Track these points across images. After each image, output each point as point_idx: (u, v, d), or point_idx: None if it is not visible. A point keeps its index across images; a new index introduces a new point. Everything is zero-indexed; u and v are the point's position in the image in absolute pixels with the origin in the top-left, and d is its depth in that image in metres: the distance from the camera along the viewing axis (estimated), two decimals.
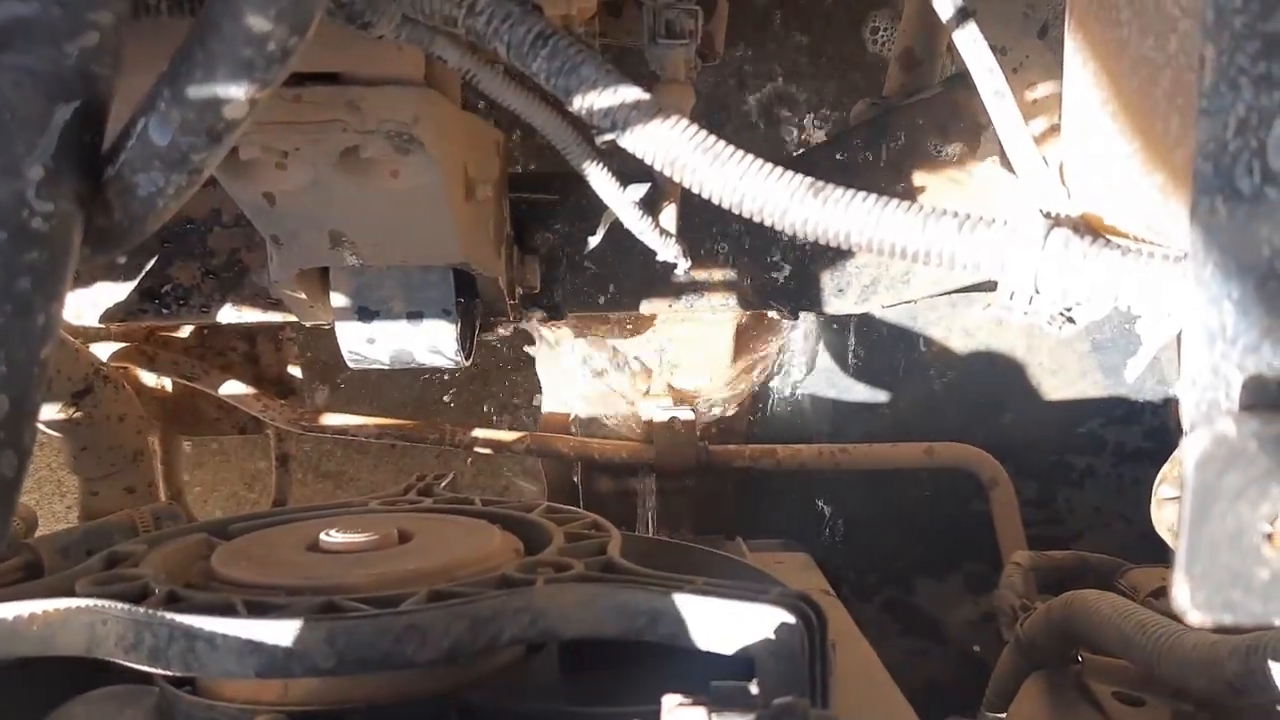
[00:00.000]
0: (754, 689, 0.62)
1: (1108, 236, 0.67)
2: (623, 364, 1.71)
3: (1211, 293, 0.47)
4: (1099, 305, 0.66)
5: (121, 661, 0.71)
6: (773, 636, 0.70)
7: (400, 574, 0.81)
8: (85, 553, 1.04)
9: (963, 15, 0.87)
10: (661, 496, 1.74)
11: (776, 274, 1.48)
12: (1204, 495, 0.39)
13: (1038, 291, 0.66)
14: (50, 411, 1.43)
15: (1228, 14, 0.47)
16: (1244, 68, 0.46)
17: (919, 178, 1.45)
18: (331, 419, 1.76)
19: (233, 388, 1.74)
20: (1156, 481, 0.83)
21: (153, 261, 1.46)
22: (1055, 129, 1.30)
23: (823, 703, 0.69)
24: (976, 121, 1.44)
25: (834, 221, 0.66)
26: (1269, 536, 0.39)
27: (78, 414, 1.46)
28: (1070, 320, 0.68)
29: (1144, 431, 1.86)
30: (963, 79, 1.45)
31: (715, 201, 0.69)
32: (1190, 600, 0.40)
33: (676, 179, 0.69)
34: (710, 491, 1.80)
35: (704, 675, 0.65)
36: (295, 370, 1.85)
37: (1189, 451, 0.39)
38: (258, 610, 0.72)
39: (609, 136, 0.70)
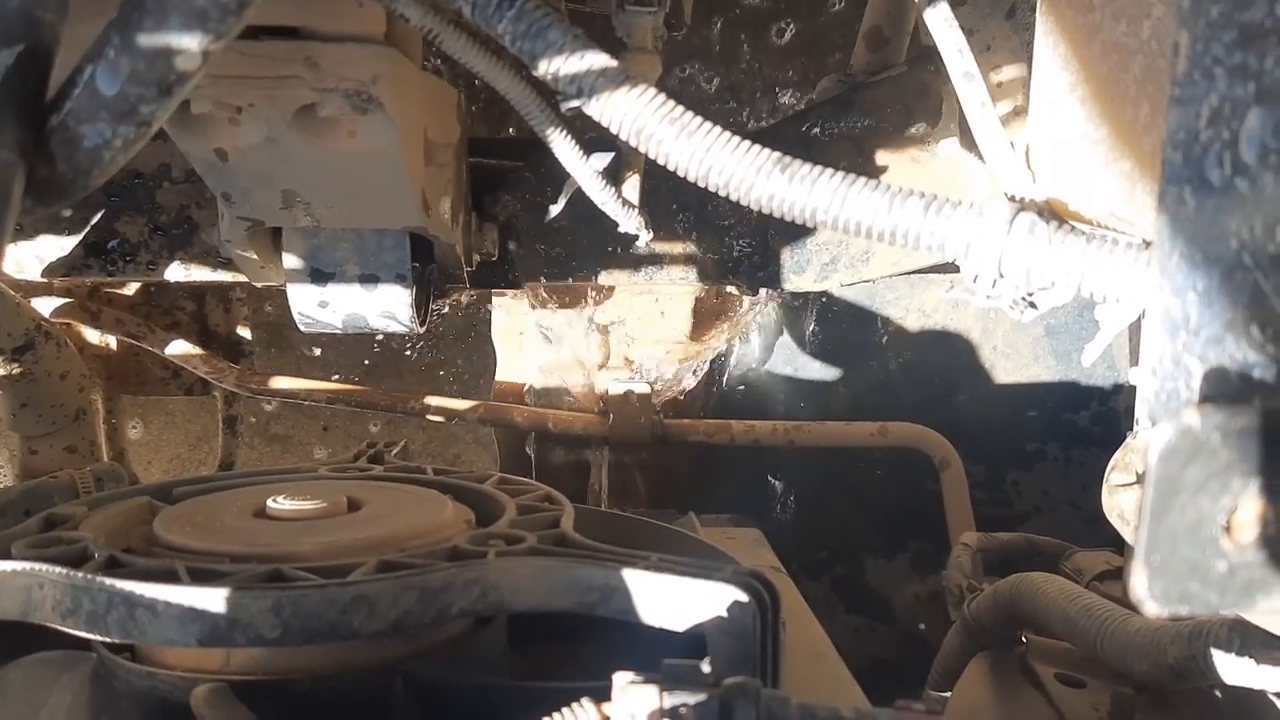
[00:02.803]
0: (706, 667, 0.62)
1: (1072, 222, 0.67)
2: (579, 335, 1.70)
3: (1176, 283, 0.47)
4: (1062, 291, 0.66)
5: (58, 627, 0.70)
6: (725, 614, 0.69)
7: (349, 543, 0.79)
8: (23, 513, 1.01)
9: None
10: (615, 469, 1.73)
11: (737, 250, 1.47)
12: (1166, 487, 0.39)
13: (1001, 275, 0.66)
14: None
15: (1204, 1, 0.46)
16: (1219, 57, 0.45)
17: (882, 156, 1.45)
18: (281, 382, 1.73)
19: (179, 348, 1.71)
20: (1108, 468, 0.83)
21: (99, 216, 1.42)
22: (1020, 112, 1.30)
23: (773, 681, 0.69)
24: (941, 101, 1.44)
25: (800, 198, 0.65)
26: (1227, 529, 0.39)
27: (17, 370, 1.42)
28: (1032, 305, 0.68)
29: (1093, 416, 1.88)
30: (928, 58, 1.45)
31: (681, 174, 0.67)
32: (1148, 590, 0.39)
33: (642, 150, 0.67)
34: (664, 465, 1.80)
35: (655, 651, 0.65)
36: (244, 331, 1.82)
37: (1153, 443, 0.39)
38: (201, 577, 0.70)
39: (574, 103, 0.68)
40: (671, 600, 0.71)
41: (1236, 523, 0.39)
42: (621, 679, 0.58)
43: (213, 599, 0.67)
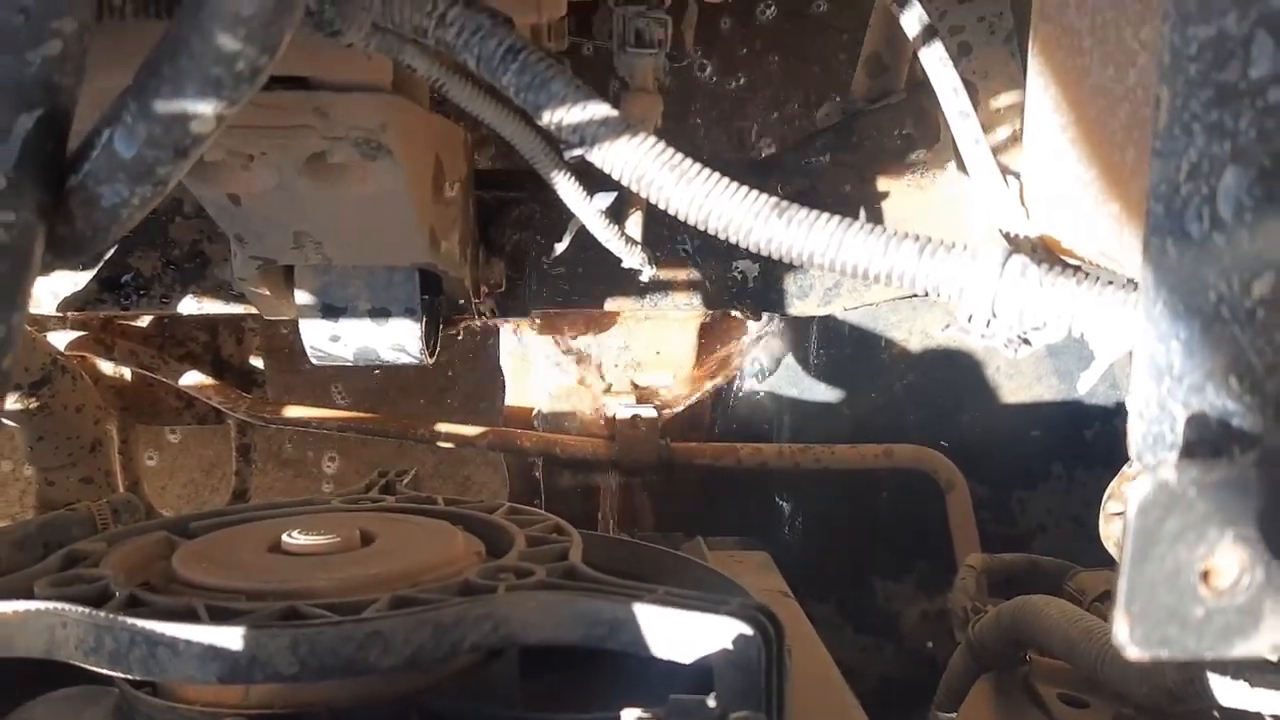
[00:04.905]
0: (712, 702, 0.63)
1: (1065, 261, 0.69)
2: (586, 361, 1.72)
3: (1160, 330, 0.49)
4: (1054, 330, 0.67)
5: (82, 665, 0.71)
6: (731, 648, 0.71)
7: (363, 578, 0.81)
8: (41, 545, 1.03)
9: (929, 33, 0.89)
10: (623, 493, 1.75)
11: (741, 275, 1.49)
12: (1145, 538, 0.41)
13: (995, 316, 0.68)
14: (7, 401, 1.42)
15: (1183, 59, 0.48)
16: (1197, 114, 0.47)
17: (882, 182, 1.46)
18: (293, 411, 1.75)
19: (193, 379, 1.73)
20: (1104, 497, 0.85)
21: (112, 251, 1.45)
22: (1017, 138, 1.32)
23: (778, 713, 0.71)
24: (940, 128, 1.46)
25: (797, 242, 0.67)
26: (1204, 576, 0.41)
27: (34, 404, 1.44)
28: (1026, 343, 0.70)
29: (1095, 435, 1.89)
30: (928, 85, 1.47)
31: (682, 218, 0.69)
32: (1129, 636, 0.41)
33: (643, 195, 0.69)
34: (671, 489, 1.81)
35: (663, 681, 0.67)
36: (257, 361, 1.84)
37: (1132, 496, 0.41)
38: (220, 616, 0.72)
39: (577, 151, 0.70)
40: (678, 633, 0.73)
41: (1213, 570, 0.41)
42: (629, 715, 0.60)
43: (232, 637, 0.69)
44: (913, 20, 0.92)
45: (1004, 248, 0.67)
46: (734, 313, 1.56)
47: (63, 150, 0.62)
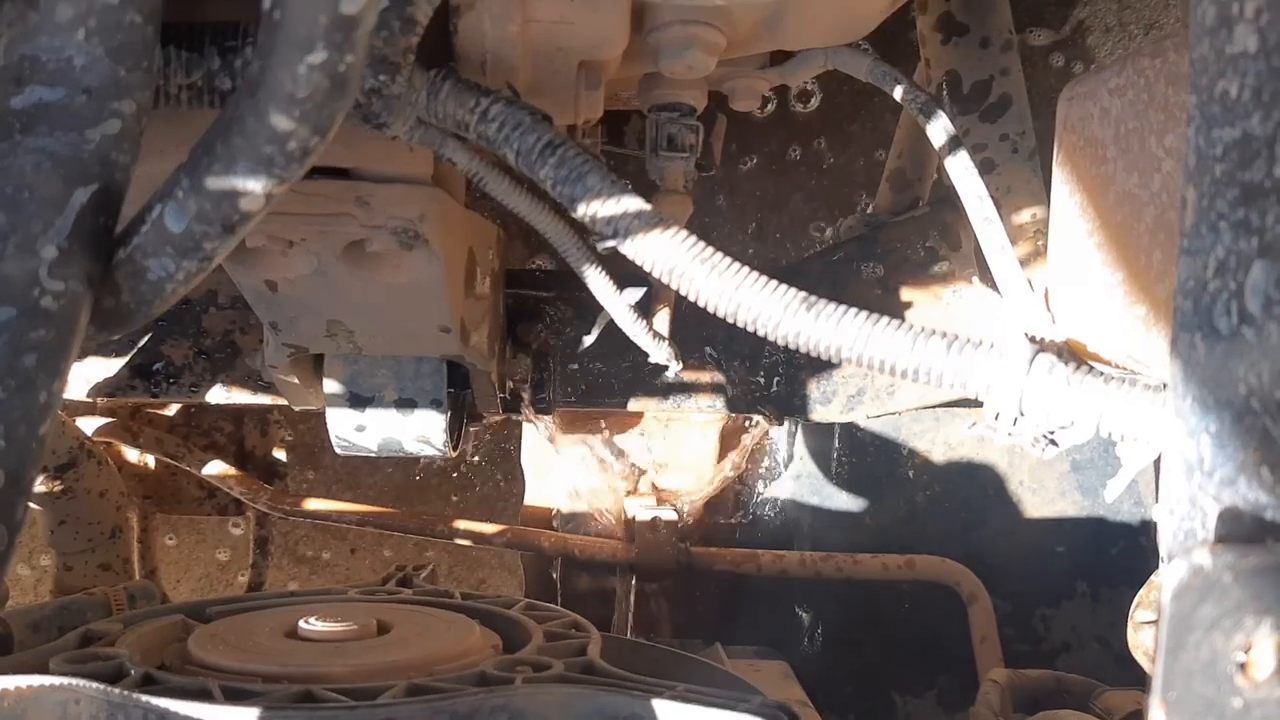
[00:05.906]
0: None
1: (1091, 363, 0.69)
2: (607, 461, 1.72)
3: (1190, 426, 0.49)
4: (1082, 430, 0.67)
5: None
6: None
7: (379, 666, 0.81)
8: (57, 629, 1.03)
9: (954, 143, 0.91)
10: (641, 597, 1.73)
11: (764, 379, 1.50)
12: (1180, 625, 0.40)
13: (1022, 414, 0.68)
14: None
15: (1209, 160, 0.49)
16: (1223, 213, 0.48)
17: (905, 294, 1.48)
18: (313, 504, 1.75)
19: (216, 468, 1.74)
20: (1133, 606, 0.84)
21: (145, 339, 1.47)
22: (1040, 253, 1.34)
23: None
24: (963, 242, 1.48)
25: (825, 336, 0.68)
26: (1242, 666, 0.40)
27: (59, 487, 1.45)
28: (1053, 443, 0.70)
29: (1120, 552, 1.86)
30: (950, 199, 1.50)
31: (711, 310, 0.70)
32: None
33: (674, 287, 0.71)
34: (690, 594, 1.79)
35: None
36: (280, 454, 1.85)
37: (1166, 581, 0.40)
38: (234, 696, 0.71)
39: (610, 244, 0.72)
40: None
41: (1251, 660, 0.40)
42: None
43: (246, 718, 0.68)
44: (938, 130, 0.94)
45: (1031, 346, 0.68)
46: (757, 417, 1.56)
47: (114, 225, 0.63)
